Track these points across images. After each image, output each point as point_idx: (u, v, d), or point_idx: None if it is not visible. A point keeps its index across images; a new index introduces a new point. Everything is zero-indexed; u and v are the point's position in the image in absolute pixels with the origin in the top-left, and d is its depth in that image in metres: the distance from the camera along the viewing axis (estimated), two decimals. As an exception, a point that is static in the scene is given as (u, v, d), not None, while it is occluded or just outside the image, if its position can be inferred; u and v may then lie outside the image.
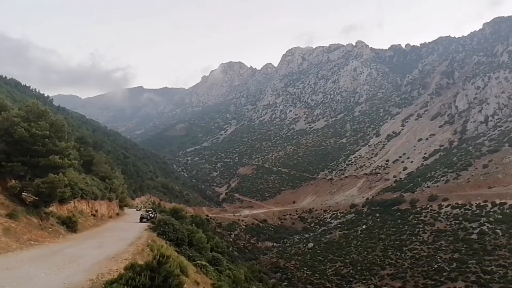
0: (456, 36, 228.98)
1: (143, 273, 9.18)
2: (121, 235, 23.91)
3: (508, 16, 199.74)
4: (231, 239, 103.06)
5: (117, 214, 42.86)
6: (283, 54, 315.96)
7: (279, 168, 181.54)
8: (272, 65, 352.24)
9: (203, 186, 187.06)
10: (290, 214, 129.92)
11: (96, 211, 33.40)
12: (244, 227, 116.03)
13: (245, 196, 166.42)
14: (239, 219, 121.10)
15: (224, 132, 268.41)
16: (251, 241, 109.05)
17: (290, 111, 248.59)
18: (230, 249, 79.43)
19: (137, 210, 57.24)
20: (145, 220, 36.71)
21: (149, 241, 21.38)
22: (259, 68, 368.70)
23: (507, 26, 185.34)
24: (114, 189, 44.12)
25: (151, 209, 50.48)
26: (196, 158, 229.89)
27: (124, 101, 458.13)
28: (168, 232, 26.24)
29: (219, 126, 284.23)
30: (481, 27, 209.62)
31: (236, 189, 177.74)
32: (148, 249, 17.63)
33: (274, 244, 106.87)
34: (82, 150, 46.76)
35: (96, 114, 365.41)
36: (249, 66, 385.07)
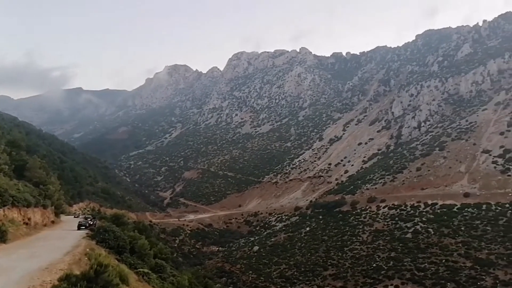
0: (392, 46, 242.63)
1: (79, 284, 8.77)
2: (57, 244, 22.61)
3: (438, 29, 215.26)
4: (176, 245, 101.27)
5: (53, 222, 40.48)
6: (229, 58, 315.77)
7: (225, 172, 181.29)
8: (218, 69, 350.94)
9: (146, 191, 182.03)
10: (236, 218, 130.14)
11: (29, 219, 31.31)
12: (189, 232, 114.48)
13: (190, 201, 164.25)
14: (184, 224, 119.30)
15: (169, 136, 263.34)
16: (196, 246, 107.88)
17: (236, 115, 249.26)
18: (175, 255, 77.86)
19: (75, 217, 54.48)
20: (84, 227, 35.15)
21: (87, 249, 20.37)
22: (205, 72, 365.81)
23: (437, 38, 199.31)
24: (49, 195, 41.69)
25: (90, 215, 48.44)
26: (140, 162, 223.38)
27: (61, 102, 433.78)
28: (108, 240, 25.12)
29: (163, 129, 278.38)
30: (414, 38, 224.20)
31: (181, 193, 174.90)
32: (86, 258, 16.83)
33: (220, 248, 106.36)
34: (13, 154, 43.77)
35: (31, 116, 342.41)
36: (194, 69, 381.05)
